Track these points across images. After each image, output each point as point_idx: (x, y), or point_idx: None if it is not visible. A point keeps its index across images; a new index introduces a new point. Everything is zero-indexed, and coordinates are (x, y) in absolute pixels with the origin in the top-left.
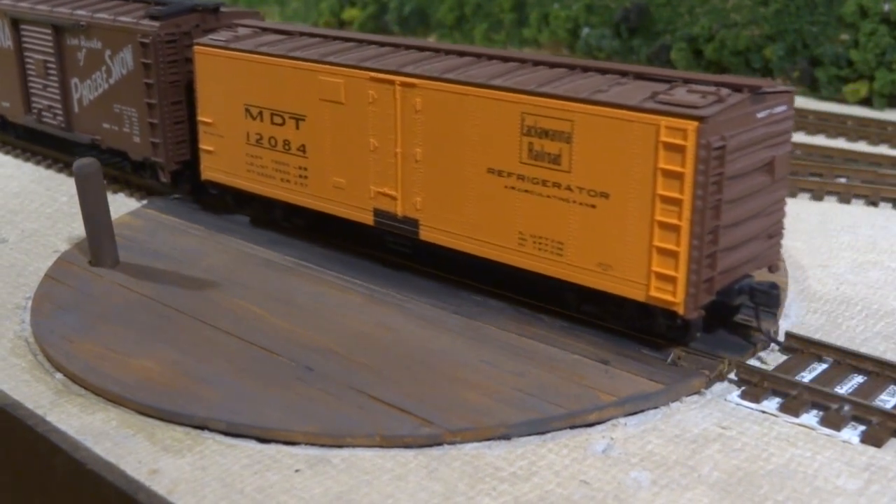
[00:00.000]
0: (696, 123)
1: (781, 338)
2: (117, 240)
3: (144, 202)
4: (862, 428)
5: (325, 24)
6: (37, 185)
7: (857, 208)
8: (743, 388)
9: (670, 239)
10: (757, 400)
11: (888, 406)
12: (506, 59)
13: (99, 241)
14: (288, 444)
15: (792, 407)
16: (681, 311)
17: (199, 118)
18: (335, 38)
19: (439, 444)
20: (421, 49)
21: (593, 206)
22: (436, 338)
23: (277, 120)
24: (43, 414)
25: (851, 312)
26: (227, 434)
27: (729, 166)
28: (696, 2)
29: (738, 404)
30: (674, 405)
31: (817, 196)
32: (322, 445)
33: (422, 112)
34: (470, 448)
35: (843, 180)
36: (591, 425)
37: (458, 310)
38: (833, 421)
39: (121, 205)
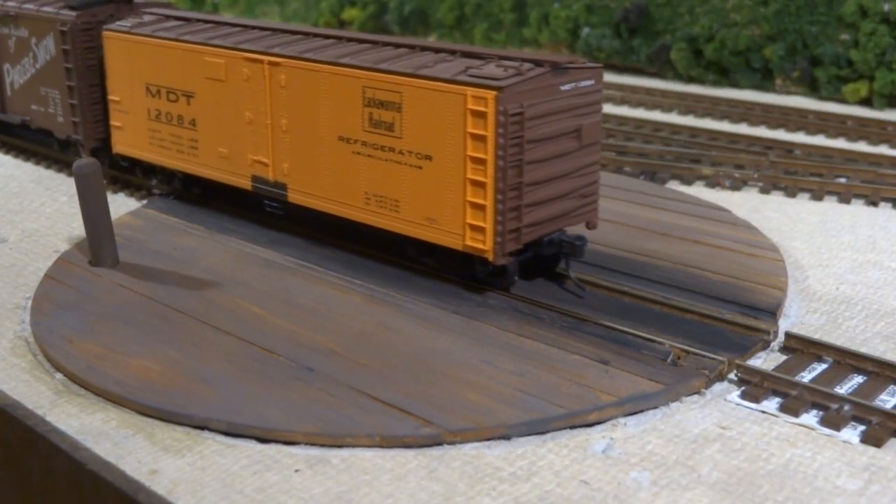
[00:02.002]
0: (494, 93)
1: (781, 338)
2: (117, 240)
3: (144, 202)
4: (862, 428)
5: (325, 24)
6: (37, 185)
7: (857, 208)
8: (743, 388)
9: (479, 194)
10: (757, 400)
11: (888, 406)
12: (361, 41)
13: (99, 241)
14: (288, 444)
15: (792, 407)
16: (490, 257)
17: (109, 97)
18: (224, 24)
19: (439, 444)
20: (293, 33)
21: (420, 168)
22: (436, 338)
23: (172, 97)
24: (43, 414)
25: (851, 312)
26: (227, 434)
27: (529, 131)
28: (696, 2)
29: (738, 404)
30: (674, 405)
31: (817, 196)
32: (322, 445)
33: (286, 87)
34: (470, 448)
35: (843, 180)
36: (591, 425)
37: (458, 310)
38: (833, 421)
39: (121, 205)
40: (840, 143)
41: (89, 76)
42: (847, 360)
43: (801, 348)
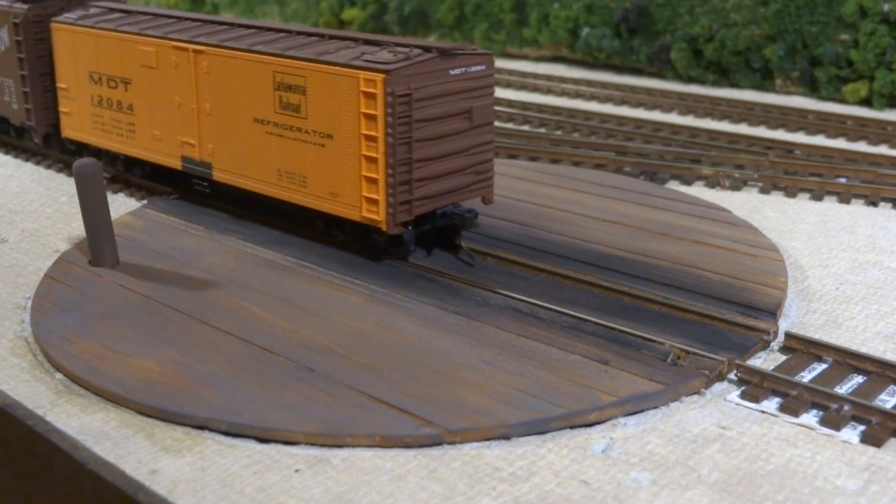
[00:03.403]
0: (383, 76)
1: (781, 338)
2: (117, 240)
3: (144, 202)
4: (862, 428)
5: (325, 23)
6: (37, 185)
7: (857, 208)
8: (743, 388)
9: (373, 169)
10: (757, 400)
11: (888, 406)
12: (277, 31)
13: (99, 241)
14: (288, 444)
15: (792, 407)
16: (384, 227)
17: (57, 84)
18: (161, 17)
19: (439, 444)
20: (220, 23)
21: (323, 146)
22: (436, 338)
23: (112, 84)
24: (43, 414)
25: (851, 312)
26: (227, 434)
27: (418, 111)
28: (696, 2)
29: (737, 404)
30: (674, 405)
31: (817, 196)
32: (322, 445)
33: (208, 73)
34: (470, 448)
35: (843, 180)
36: (590, 425)
37: (458, 310)
38: (833, 421)
39: (121, 205)
40: (840, 143)
41: (41, 65)
42: (847, 360)
43: (801, 348)
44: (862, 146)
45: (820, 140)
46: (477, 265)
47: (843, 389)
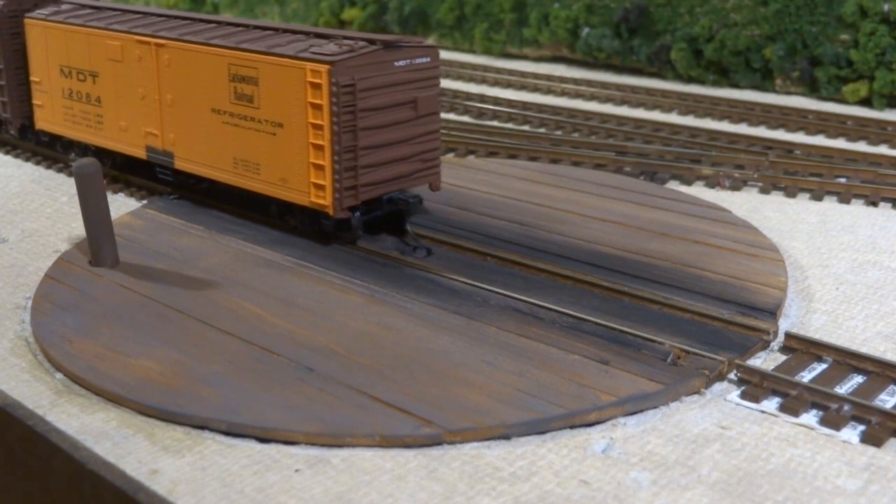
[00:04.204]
0: (328, 67)
1: (781, 338)
2: (117, 240)
3: (144, 202)
4: (862, 428)
5: (325, 24)
6: (37, 185)
7: (857, 208)
8: (743, 388)
9: (319, 156)
10: (757, 400)
11: (888, 406)
12: (235, 25)
13: (99, 241)
14: (288, 444)
15: (792, 407)
16: (331, 212)
17: (31, 78)
18: (128, 12)
19: (439, 444)
20: (182, 19)
21: (274, 134)
22: (436, 338)
23: (81, 77)
24: (43, 414)
25: (851, 312)
26: (227, 434)
27: (362, 101)
28: (696, 2)
29: (737, 404)
30: (673, 405)
31: (817, 196)
32: (322, 445)
33: (169, 66)
34: (470, 448)
35: (843, 180)
36: (590, 425)
37: (458, 310)
38: (833, 421)
39: (121, 205)
40: (840, 143)
41: (15, 59)
42: (847, 360)
43: (801, 348)
44: (862, 146)
45: (820, 140)
46: (434, 252)
47: (843, 389)
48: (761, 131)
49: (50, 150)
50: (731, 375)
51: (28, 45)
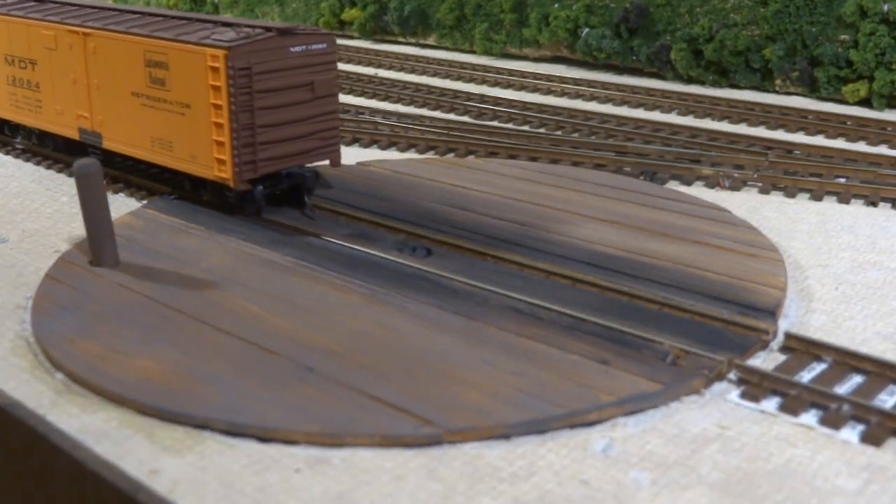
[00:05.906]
0: (224, 52)
1: (781, 338)
2: (117, 240)
3: (144, 202)
4: (861, 428)
5: (325, 24)
6: (37, 185)
7: (857, 208)
8: (742, 387)
9: (220, 133)
10: (756, 400)
11: (887, 406)
12: (154, 16)
13: (99, 241)
14: (288, 444)
15: (791, 407)
16: (232, 184)
17: None
18: (66, 5)
19: (439, 443)
20: (111, 10)
21: (183, 114)
22: (436, 338)
23: (22, 65)
24: (43, 414)
25: (851, 312)
26: (227, 434)
27: (258, 83)
28: (696, 2)
29: (737, 404)
30: (673, 405)
31: (817, 196)
32: (322, 445)
33: (95, 53)
34: (470, 448)
35: (842, 180)
36: (590, 425)
37: (458, 310)
38: (832, 421)
39: (121, 205)
40: (839, 144)
41: None
42: (846, 360)
43: (801, 348)
44: (861, 146)
45: (819, 140)
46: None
47: (842, 389)
48: (761, 131)
49: (51, 151)
50: (731, 375)
51: None
